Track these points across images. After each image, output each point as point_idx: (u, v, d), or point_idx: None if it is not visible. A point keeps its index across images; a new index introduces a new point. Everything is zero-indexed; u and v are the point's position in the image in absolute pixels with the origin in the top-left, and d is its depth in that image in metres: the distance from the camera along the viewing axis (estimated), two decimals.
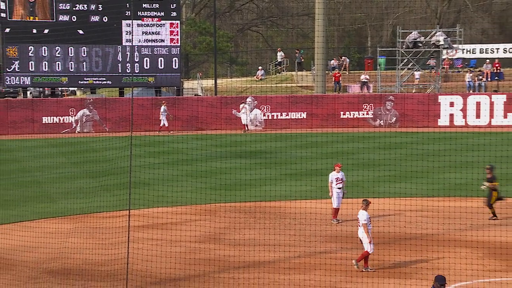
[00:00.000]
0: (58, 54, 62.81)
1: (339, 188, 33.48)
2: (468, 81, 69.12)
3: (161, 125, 61.01)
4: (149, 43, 63.86)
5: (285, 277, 26.11)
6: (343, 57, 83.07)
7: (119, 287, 24.03)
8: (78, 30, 62.65)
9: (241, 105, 62.40)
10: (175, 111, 62.32)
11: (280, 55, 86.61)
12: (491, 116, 60.50)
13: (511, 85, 68.55)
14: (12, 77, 63.41)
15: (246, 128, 61.87)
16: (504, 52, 74.96)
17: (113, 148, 52.28)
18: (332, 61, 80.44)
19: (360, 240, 27.85)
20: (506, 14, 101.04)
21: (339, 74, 74.05)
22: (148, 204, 32.43)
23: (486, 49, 76.79)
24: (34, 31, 62.23)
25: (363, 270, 27.20)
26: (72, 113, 61.74)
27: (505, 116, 60.14)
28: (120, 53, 63.49)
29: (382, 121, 62.21)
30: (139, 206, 33.98)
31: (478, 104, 61.38)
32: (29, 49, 62.38)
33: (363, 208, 27.60)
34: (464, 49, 74.64)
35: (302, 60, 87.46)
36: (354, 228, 30.66)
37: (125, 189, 29.23)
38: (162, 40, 64.01)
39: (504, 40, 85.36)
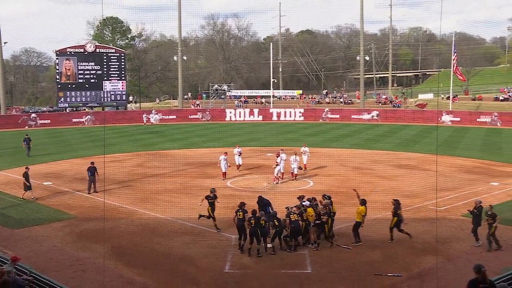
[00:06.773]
0: (78, 94, 58.76)
1: (239, 156, 27.28)
2: (236, 104, 69.70)
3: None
4: (114, 90, 60.64)
5: (182, 180, 25.98)
6: (189, 94, 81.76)
7: (106, 186, 23.08)
8: (86, 85, 58.89)
9: (149, 115, 59.89)
10: (125, 115, 59.87)
11: (131, 97, 79.67)
12: (250, 115, 60.10)
13: (245, 106, 69.57)
14: (60, 104, 59.08)
15: (151, 123, 59.56)
16: (248, 93, 76.27)
17: (99, 130, 50.00)
18: (185, 96, 78.95)
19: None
20: (251, 80, 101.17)
21: (194, 101, 72.74)
22: (116, 151, 31.20)
23: (244, 91, 77.88)
24: (69, 86, 58.00)
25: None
26: (84, 116, 57.86)
27: (250, 115, 60.35)
28: (103, 93, 60.02)
29: (204, 118, 61.67)
30: (111, 153, 32.76)
31: (240, 112, 60.97)
32: (67, 92, 57.93)
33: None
34: (234, 90, 75.92)
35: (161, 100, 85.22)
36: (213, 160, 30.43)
37: (102, 146, 28.11)
38: (119, 88, 61.02)
39: (256, 88, 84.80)
